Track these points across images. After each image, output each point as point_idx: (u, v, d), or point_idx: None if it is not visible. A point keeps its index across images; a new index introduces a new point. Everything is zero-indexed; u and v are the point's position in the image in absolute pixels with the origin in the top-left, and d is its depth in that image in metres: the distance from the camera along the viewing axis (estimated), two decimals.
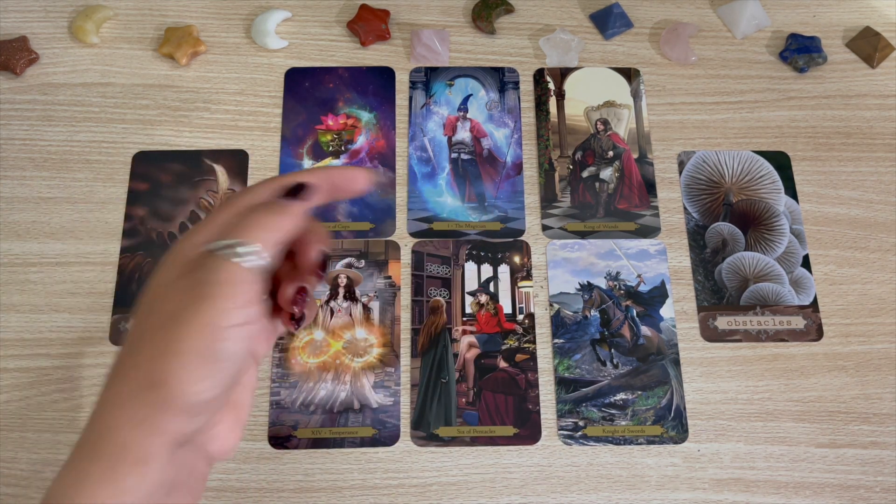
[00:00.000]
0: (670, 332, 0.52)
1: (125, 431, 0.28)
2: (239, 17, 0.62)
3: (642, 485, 0.48)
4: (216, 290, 0.28)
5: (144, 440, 0.28)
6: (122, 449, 0.28)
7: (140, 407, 0.28)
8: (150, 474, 0.28)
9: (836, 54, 0.61)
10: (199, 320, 0.28)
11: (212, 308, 0.28)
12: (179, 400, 0.28)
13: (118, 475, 0.27)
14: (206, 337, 0.28)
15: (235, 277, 0.28)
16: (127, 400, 0.28)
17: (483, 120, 0.58)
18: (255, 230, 0.29)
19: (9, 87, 0.58)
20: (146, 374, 0.28)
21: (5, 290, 0.52)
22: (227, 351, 0.28)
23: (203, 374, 0.28)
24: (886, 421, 0.50)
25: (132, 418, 0.28)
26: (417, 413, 0.49)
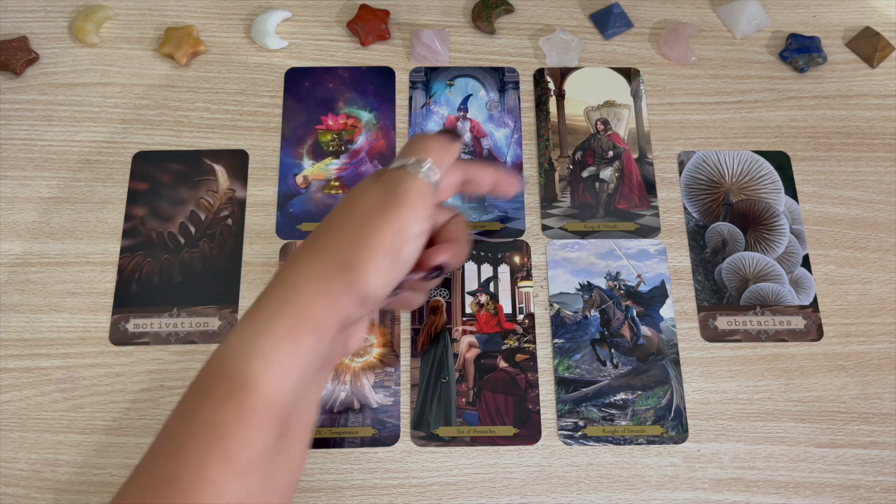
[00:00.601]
0: (670, 332, 0.52)
1: (312, 299, 0.31)
2: (239, 17, 0.62)
3: (642, 485, 0.48)
4: (407, 200, 0.33)
5: (325, 311, 0.31)
6: (306, 313, 0.31)
7: (329, 282, 0.32)
8: (322, 342, 0.32)
9: (836, 54, 0.61)
10: (394, 223, 0.33)
11: (404, 215, 0.33)
12: (363, 285, 0.32)
13: (299, 334, 0.31)
14: (398, 238, 0.32)
15: (420, 190, 0.34)
16: (320, 273, 0.32)
17: (483, 120, 0.58)
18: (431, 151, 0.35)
19: (9, 87, 0.58)
20: (340, 256, 0.32)
21: (5, 290, 0.52)
22: (407, 254, 0.33)
23: (386, 269, 0.32)
24: (886, 421, 0.50)
25: (321, 290, 0.32)
26: (417, 413, 0.49)
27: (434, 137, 0.36)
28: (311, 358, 0.31)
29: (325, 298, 0.32)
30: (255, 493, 0.30)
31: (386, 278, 0.33)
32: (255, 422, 0.29)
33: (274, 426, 0.30)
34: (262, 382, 0.30)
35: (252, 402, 0.30)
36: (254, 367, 0.30)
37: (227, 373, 0.31)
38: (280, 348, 0.30)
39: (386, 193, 0.34)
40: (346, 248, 0.32)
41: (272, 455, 0.30)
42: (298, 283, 0.32)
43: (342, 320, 0.32)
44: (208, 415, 0.30)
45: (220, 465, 0.29)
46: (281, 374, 0.30)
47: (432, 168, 0.34)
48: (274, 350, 0.30)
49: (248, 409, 0.29)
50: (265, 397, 0.30)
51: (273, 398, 0.30)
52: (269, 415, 0.30)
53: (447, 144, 0.36)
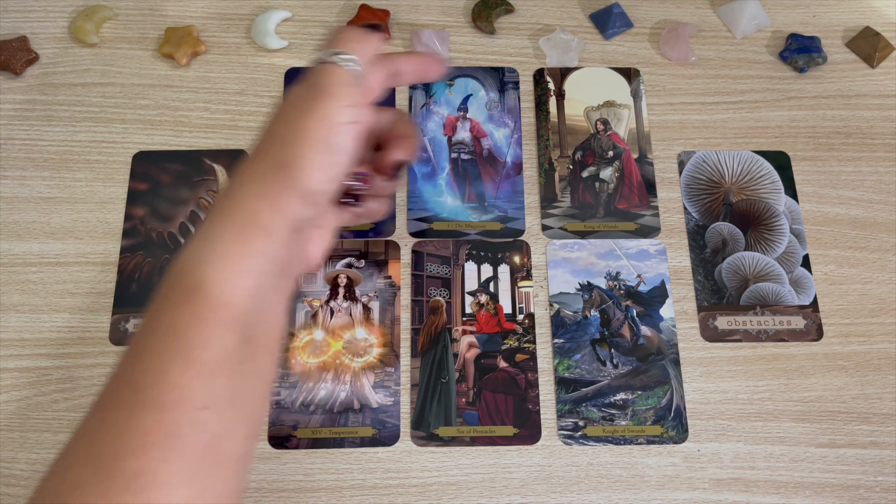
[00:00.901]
0: (670, 332, 0.52)
1: (255, 202, 0.32)
2: (239, 17, 0.62)
3: (642, 485, 0.48)
4: (328, 89, 0.33)
5: (270, 213, 0.32)
6: (252, 216, 0.32)
7: (269, 183, 0.32)
8: (272, 243, 0.32)
9: (836, 54, 0.61)
10: (318, 114, 0.33)
11: (327, 104, 0.33)
12: (304, 183, 0.32)
13: (247, 237, 0.31)
14: (325, 128, 0.33)
15: (342, 78, 0.34)
16: (259, 177, 0.33)
17: (483, 120, 0.58)
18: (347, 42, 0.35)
19: (9, 87, 0.58)
20: (276, 157, 0.33)
21: (5, 290, 0.52)
22: (342, 144, 0.33)
23: (323, 162, 0.33)
24: (886, 421, 0.50)
25: (261, 192, 0.32)
26: (417, 413, 0.49)
27: (350, 29, 0.37)
28: (265, 260, 0.32)
29: (267, 200, 0.32)
30: (222, 395, 0.30)
31: (325, 171, 0.33)
32: (211, 323, 0.30)
33: (233, 329, 0.30)
34: (215, 284, 0.30)
35: (207, 304, 0.30)
36: (206, 271, 0.31)
37: (181, 279, 0.31)
38: (231, 251, 0.31)
39: (308, 88, 0.34)
40: (280, 148, 0.33)
41: (237, 360, 0.31)
42: (241, 189, 0.33)
43: (291, 220, 0.33)
44: (165, 320, 0.30)
45: (181, 366, 0.29)
46: (234, 276, 0.31)
47: (350, 57, 0.35)
48: (224, 254, 0.31)
49: (203, 311, 0.30)
50: (220, 298, 0.30)
51: (228, 299, 0.30)
52: (226, 316, 0.30)
53: (365, 36, 0.36)
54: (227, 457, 0.30)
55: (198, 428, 0.29)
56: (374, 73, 0.38)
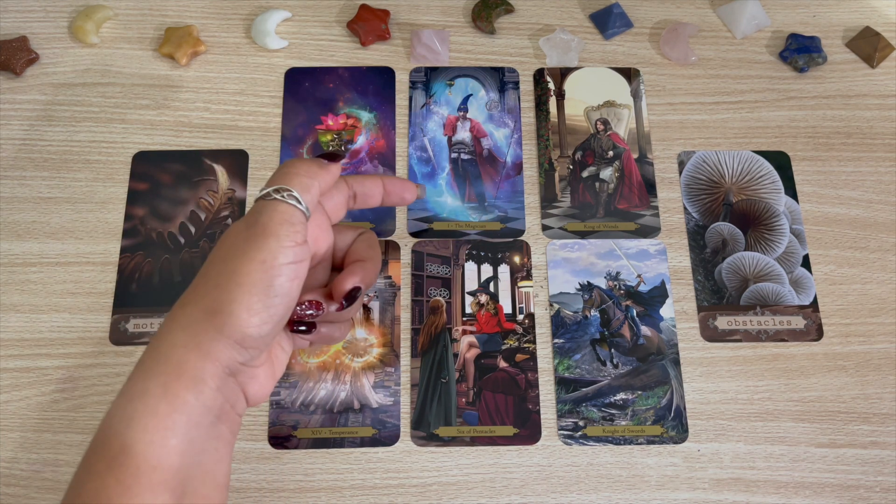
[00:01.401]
0: (670, 332, 0.52)
1: (183, 352, 0.30)
2: (239, 17, 0.62)
3: (642, 485, 0.48)
4: (269, 229, 0.32)
5: (199, 362, 0.30)
6: (179, 367, 0.30)
7: (199, 331, 0.31)
8: (202, 394, 0.30)
9: (836, 54, 0.61)
10: (255, 256, 0.31)
11: (265, 245, 0.32)
12: (235, 328, 0.31)
13: (174, 391, 0.30)
14: (262, 272, 0.31)
15: (282, 216, 0.33)
16: (188, 325, 0.31)
17: (483, 120, 0.58)
18: (294, 177, 0.34)
19: (9, 87, 0.58)
20: (207, 302, 0.31)
21: (5, 290, 0.52)
22: (279, 286, 0.32)
23: (258, 306, 0.31)
24: (886, 421, 0.50)
25: (190, 341, 0.31)
26: (417, 413, 0.49)
27: (301, 162, 0.35)
28: (196, 414, 0.30)
29: (196, 349, 0.30)
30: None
31: (260, 315, 0.31)
32: (139, 490, 0.28)
33: (164, 490, 0.29)
34: (140, 447, 0.29)
35: (133, 470, 0.28)
36: (130, 434, 0.29)
37: (105, 443, 0.29)
38: (156, 409, 0.29)
39: (247, 227, 0.33)
40: (211, 293, 0.31)
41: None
42: (169, 337, 0.31)
43: (223, 368, 0.31)
44: (90, 490, 0.29)
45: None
46: (161, 437, 0.29)
47: (294, 194, 0.33)
48: (150, 412, 0.29)
49: (129, 478, 0.28)
50: (147, 462, 0.29)
51: (157, 462, 0.29)
52: (155, 479, 0.29)
53: (317, 168, 0.35)
54: None
55: None
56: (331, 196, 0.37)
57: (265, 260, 0.31)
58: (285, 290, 0.32)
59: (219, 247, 0.33)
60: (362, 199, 0.39)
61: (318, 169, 0.35)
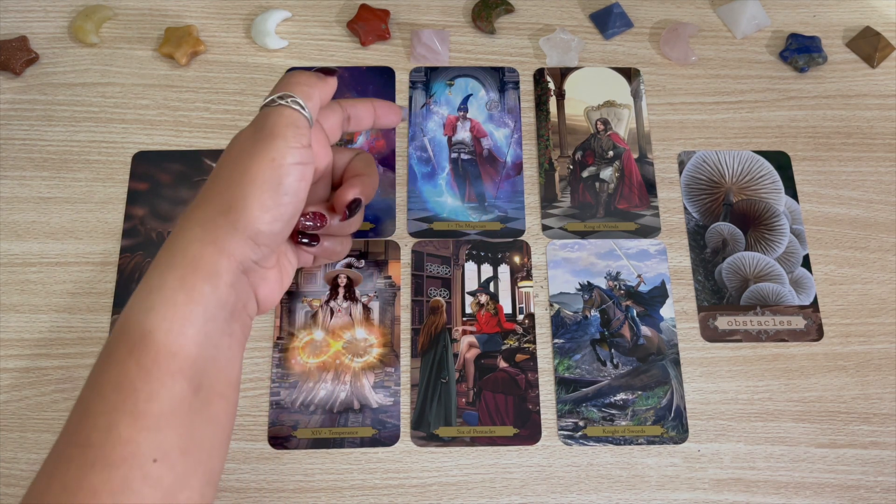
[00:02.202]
0: (670, 332, 0.52)
1: (200, 247, 0.32)
2: (239, 17, 0.62)
3: (642, 485, 0.48)
4: (276, 131, 0.33)
5: (215, 257, 0.32)
6: (195, 261, 0.31)
7: (214, 227, 0.32)
8: (218, 288, 0.31)
9: (836, 54, 0.61)
10: (265, 155, 0.33)
11: (274, 145, 0.33)
12: (249, 224, 0.32)
13: (191, 283, 0.31)
14: (272, 169, 0.32)
15: (288, 120, 0.34)
16: (204, 221, 0.32)
17: (483, 120, 0.58)
18: (296, 86, 0.35)
19: (9, 87, 0.58)
20: (221, 200, 0.33)
21: (5, 290, 0.52)
22: (288, 185, 0.33)
23: (269, 203, 0.32)
24: (887, 421, 0.50)
25: (206, 237, 0.32)
26: (417, 413, 0.49)
27: (302, 73, 0.37)
28: (211, 307, 0.31)
29: (212, 244, 0.32)
30: (174, 447, 0.29)
31: (272, 212, 0.33)
32: (159, 374, 0.29)
33: (182, 378, 0.30)
34: (160, 334, 0.30)
35: (153, 355, 0.30)
36: (150, 321, 0.30)
37: (126, 331, 0.31)
38: (174, 299, 0.31)
39: (255, 131, 0.34)
40: (225, 191, 0.33)
41: (188, 409, 0.30)
42: (185, 234, 0.32)
43: (237, 264, 0.32)
44: (112, 374, 0.30)
45: (128, 421, 0.29)
46: (180, 325, 0.30)
47: (298, 100, 0.35)
48: (168, 302, 0.30)
49: (149, 362, 0.30)
50: (166, 349, 0.30)
51: (175, 348, 0.30)
52: (174, 366, 0.30)
53: (316, 79, 0.36)
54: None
55: (150, 483, 0.28)
56: (328, 116, 0.38)
57: (274, 159, 0.33)
58: (294, 189, 0.33)
59: (228, 150, 0.35)
60: (356, 122, 0.41)
61: (317, 80, 0.36)
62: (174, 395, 0.30)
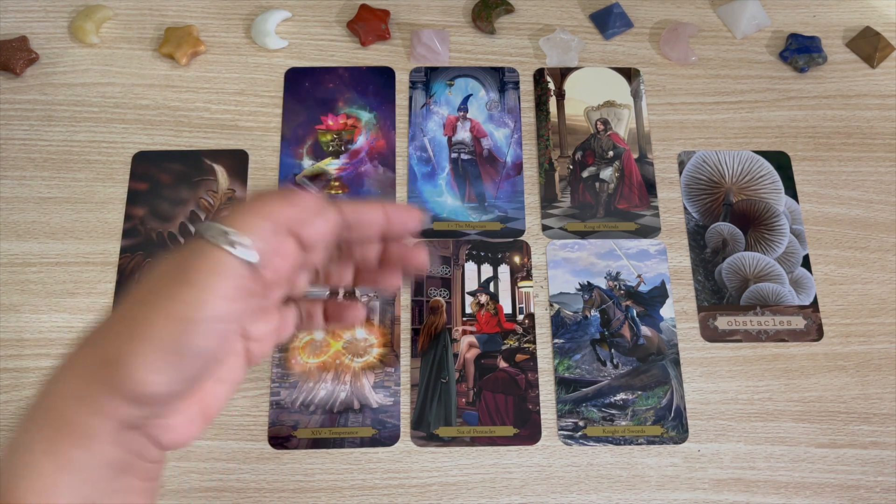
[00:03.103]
0: (670, 332, 0.52)
1: (70, 405, 0.26)
2: (239, 17, 0.62)
3: (642, 485, 0.48)
4: (193, 277, 0.26)
5: (89, 417, 0.26)
6: (65, 423, 0.26)
7: (89, 383, 0.26)
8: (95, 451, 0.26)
9: (836, 54, 0.61)
10: (168, 307, 0.26)
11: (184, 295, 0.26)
12: (129, 386, 0.26)
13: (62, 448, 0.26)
14: (172, 327, 0.26)
15: (218, 267, 0.26)
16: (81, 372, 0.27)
17: (483, 120, 0.58)
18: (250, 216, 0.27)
19: (9, 87, 0.58)
20: (102, 351, 0.27)
21: (5, 290, 0.52)
22: (193, 346, 0.26)
23: (160, 365, 0.26)
24: (886, 421, 0.50)
25: (78, 393, 0.27)
26: (417, 413, 0.49)
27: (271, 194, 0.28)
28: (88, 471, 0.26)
29: (84, 402, 0.26)
30: None
31: (165, 374, 0.26)
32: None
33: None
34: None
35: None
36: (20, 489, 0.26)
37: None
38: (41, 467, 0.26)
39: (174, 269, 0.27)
40: (112, 339, 0.27)
41: None
42: (60, 385, 0.27)
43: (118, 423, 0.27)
44: None
45: None
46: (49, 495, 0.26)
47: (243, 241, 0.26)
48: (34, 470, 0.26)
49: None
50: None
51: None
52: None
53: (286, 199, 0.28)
54: None
55: None
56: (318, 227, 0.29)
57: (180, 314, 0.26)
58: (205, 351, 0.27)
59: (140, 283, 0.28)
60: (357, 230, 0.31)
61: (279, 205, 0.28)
62: None
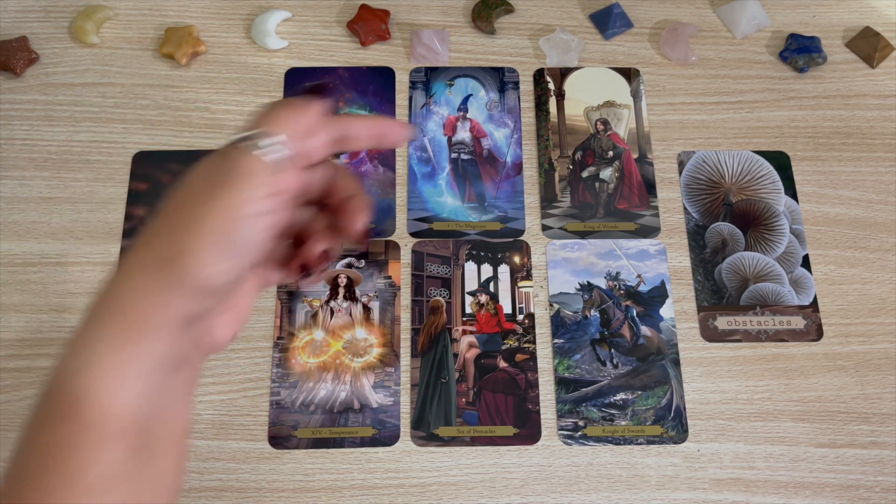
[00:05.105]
0: (670, 332, 0.52)
1: (139, 299, 0.29)
2: (239, 17, 0.62)
3: (642, 485, 0.48)
4: (235, 180, 0.29)
5: (155, 312, 0.29)
6: (133, 316, 0.29)
7: (155, 279, 0.29)
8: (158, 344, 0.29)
9: (836, 54, 0.61)
10: (218, 205, 0.29)
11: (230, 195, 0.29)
12: (194, 277, 0.29)
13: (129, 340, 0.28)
14: (225, 221, 0.29)
15: (254, 168, 0.30)
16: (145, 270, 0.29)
17: (483, 120, 0.58)
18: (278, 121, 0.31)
19: (9, 87, 0.58)
20: (166, 248, 0.29)
21: (5, 290, 0.52)
22: (243, 238, 0.30)
23: (219, 257, 0.29)
24: (886, 421, 0.50)
25: (146, 288, 0.29)
26: (417, 413, 0.49)
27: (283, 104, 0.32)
28: (151, 363, 0.29)
29: (151, 297, 0.29)
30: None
31: (222, 266, 0.29)
32: (95, 439, 0.27)
33: (122, 439, 0.28)
34: (96, 396, 0.28)
35: (89, 419, 0.27)
36: (83, 382, 0.28)
37: (59, 391, 0.28)
38: (110, 358, 0.28)
39: (214, 173, 0.30)
40: (171, 238, 0.29)
41: (129, 470, 0.28)
42: (125, 283, 0.29)
43: (180, 317, 0.29)
44: (45, 439, 0.28)
45: (65, 488, 0.27)
46: (115, 386, 0.28)
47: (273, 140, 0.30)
48: (103, 361, 0.28)
49: (85, 427, 0.27)
50: (103, 411, 0.28)
51: (113, 410, 0.28)
52: (112, 428, 0.28)
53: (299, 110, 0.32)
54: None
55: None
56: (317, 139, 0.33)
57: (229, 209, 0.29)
58: (252, 242, 0.30)
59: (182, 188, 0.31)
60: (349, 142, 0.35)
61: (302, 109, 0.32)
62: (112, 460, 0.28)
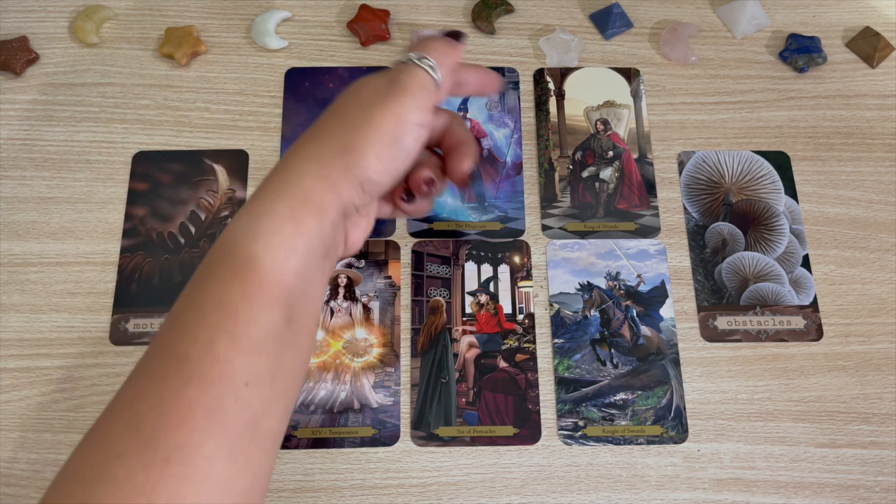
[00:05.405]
0: (670, 332, 0.52)
1: (312, 182, 0.32)
2: (239, 17, 0.62)
3: (642, 485, 0.48)
4: (408, 88, 0.34)
5: (326, 193, 0.32)
6: (307, 195, 0.32)
7: (330, 165, 0.33)
8: (323, 224, 0.32)
9: (836, 54, 0.61)
10: (393, 108, 0.34)
11: (403, 101, 0.34)
12: (363, 170, 0.33)
13: (300, 215, 0.32)
14: (397, 125, 0.34)
15: (422, 81, 0.35)
16: (318, 157, 0.33)
17: (483, 120, 0.58)
18: (435, 51, 0.36)
19: (9, 87, 0.58)
20: (340, 140, 0.33)
21: (5, 290, 0.52)
22: (407, 143, 0.34)
23: (384, 154, 0.34)
24: (886, 421, 0.50)
25: (320, 172, 0.33)
26: (417, 413, 0.49)
27: (437, 39, 0.38)
28: (314, 241, 0.32)
29: (325, 181, 0.32)
30: (264, 374, 0.30)
31: (385, 164, 0.34)
32: (260, 300, 0.30)
33: (280, 307, 0.30)
34: (266, 261, 0.30)
35: (257, 281, 0.30)
36: (257, 247, 0.30)
37: (231, 254, 0.31)
38: (282, 229, 0.31)
39: (388, 83, 0.35)
40: (346, 133, 0.33)
41: (280, 338, 0.30)
42: (299, 166, 0.33)
43: (343, 204, 0.33)
44: (214, 294, 0.30)
45: (227, 341, 0.29)
46: (284, 254, 0.31)
47: (433, 63, 0.36)
48: (276, 230, 0.31)
49: (253, 288, 0.30)
50: (270, 276, 0.30)
51: (278, 277, 0.30)
52: (274, 294, 0.30)
53: (450, 46, 0.37)
54: (266, 435, 0.30)
55: (241, 404, 0.29)
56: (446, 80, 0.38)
57: (401, 114, 0.34)
58: (410, 148, 0.35)
59: (355, 93, 0.35)
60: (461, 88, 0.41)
61: (451, 48, 0.37)
62: (271, 323, 0.30)
